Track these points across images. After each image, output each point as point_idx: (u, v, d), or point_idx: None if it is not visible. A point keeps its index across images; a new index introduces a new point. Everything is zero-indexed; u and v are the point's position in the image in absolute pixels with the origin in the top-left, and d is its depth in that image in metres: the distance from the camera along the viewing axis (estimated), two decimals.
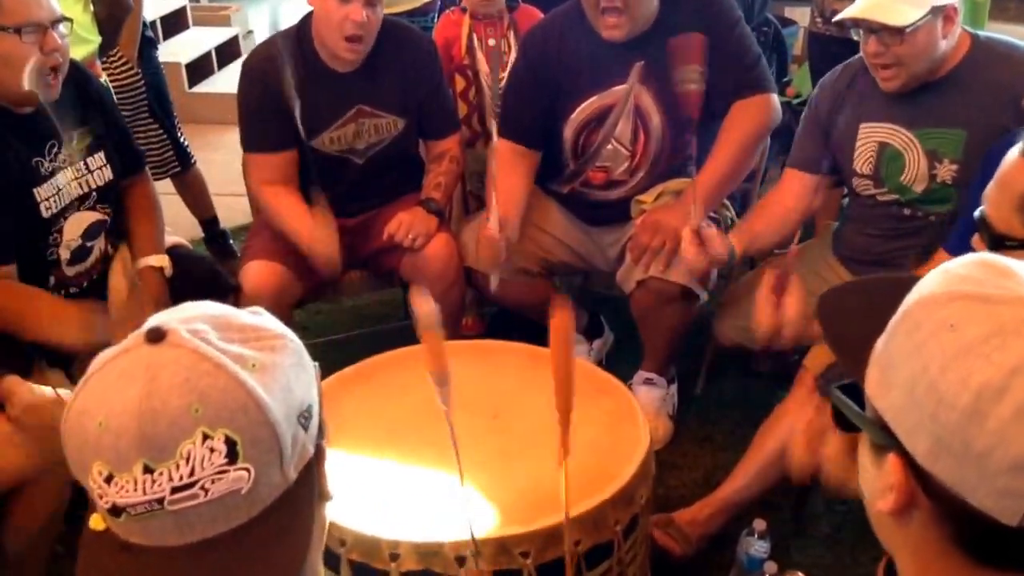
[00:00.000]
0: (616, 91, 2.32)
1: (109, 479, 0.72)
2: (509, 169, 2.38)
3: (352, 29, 2.20)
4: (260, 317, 0.81)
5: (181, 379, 0.71)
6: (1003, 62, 1.91)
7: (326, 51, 2.30)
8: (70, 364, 1.89)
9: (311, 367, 0.82)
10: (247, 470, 0.72)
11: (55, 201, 1.91)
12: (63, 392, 1.67)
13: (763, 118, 2.27)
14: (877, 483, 0.70)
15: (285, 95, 2.18)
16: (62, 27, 1.86)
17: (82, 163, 1.98)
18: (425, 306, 1.16)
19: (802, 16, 3.84)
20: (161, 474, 0.71)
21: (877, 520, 0.73)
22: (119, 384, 0.72)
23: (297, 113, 2.21)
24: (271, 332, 0.79)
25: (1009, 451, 0.60)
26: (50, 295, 1.94)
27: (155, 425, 0.70)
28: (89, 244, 2.01)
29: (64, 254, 1.96)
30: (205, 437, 0.71)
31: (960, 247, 1.80)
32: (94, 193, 2.00)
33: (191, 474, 0.71)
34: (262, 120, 2.32)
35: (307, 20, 2.32)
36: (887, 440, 0.67)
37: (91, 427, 0.72)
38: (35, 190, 1.88)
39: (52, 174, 1.91)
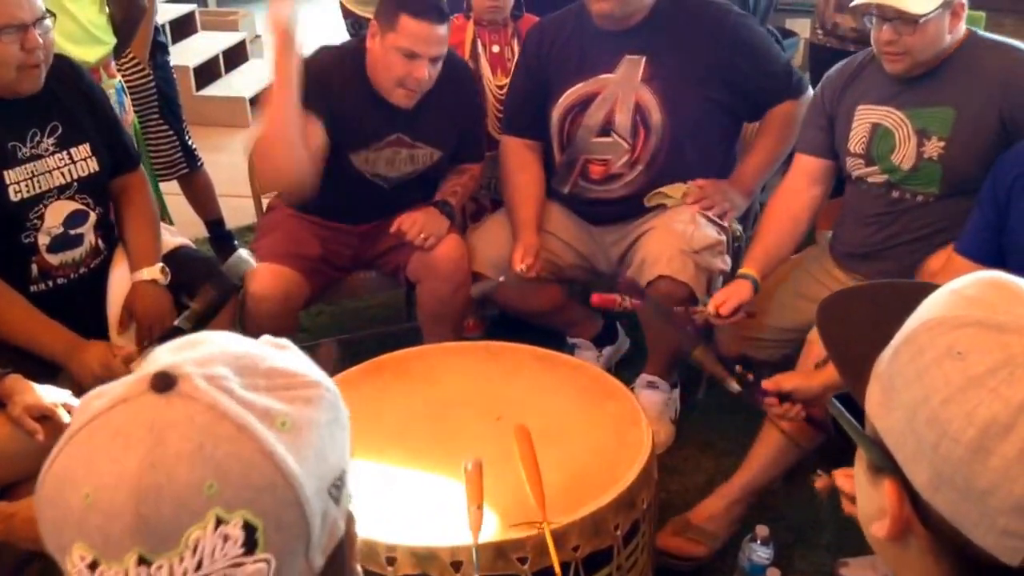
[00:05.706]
0: (602, 79, 2.35)
1: (93, 566, 0.57)
2: (520, 166, 2.49)
3: (413, 85, 2.21)
4: (288, 354, 0.67)
5: (194, 445, 0.57)
6: (993, 50, 2.00)
7: (379, 85, 2.27)
8: (54, 376, 1.89)
9: (347, 421, 0.68)
10: (266, 561, 0.58)
11: (27, 186, 1.92)
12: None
13: (794, 120, 2.37)
14: (873, 504, 0.68)
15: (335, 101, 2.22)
16: (47, 22, 1.87)
17: (65, 153, 1.99)
18: None
19: (803, 28, 3.85)
20: (160, 568, 0.56)
21: (874, 542, 0.69)
22: (113, 447, 0.58)
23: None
24: (304, 378, 0.65)
25: (1013, 491, 0.58)
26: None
27: (158, 506, 0.56)
28: (73, 233, 2.01)
29: (43, 239, 1.97)
30: (219, 522, 0.57)
31: (971, 247, 1.84)
32: (75, 184, 2.00)
33: (197, 567, 0.57)
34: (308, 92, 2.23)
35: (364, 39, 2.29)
36: (886, 463, 0.65)
37: (75, 500, 0.58)
38: (4, 172, 1.89)
39: (30, 160, 1.93)
